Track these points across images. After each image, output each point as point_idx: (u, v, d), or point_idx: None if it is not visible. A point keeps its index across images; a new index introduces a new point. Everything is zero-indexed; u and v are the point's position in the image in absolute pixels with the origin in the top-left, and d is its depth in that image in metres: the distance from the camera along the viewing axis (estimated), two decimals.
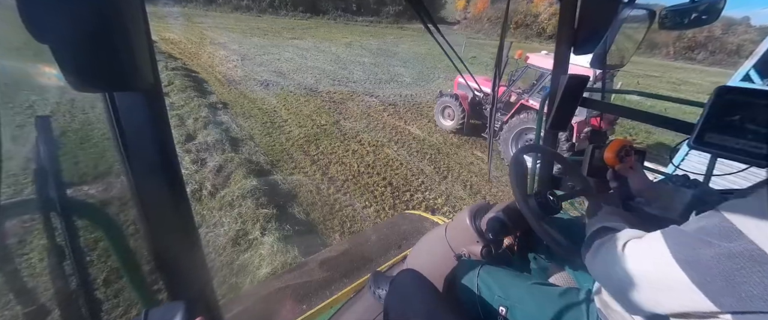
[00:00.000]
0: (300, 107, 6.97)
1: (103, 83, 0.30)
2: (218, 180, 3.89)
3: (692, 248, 0.46)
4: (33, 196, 0.47)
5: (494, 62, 1.01)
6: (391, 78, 10.68)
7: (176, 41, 13.82)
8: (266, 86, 8.32)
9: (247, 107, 6.74)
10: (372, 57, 14.20)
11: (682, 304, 0.47)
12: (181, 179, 0.42)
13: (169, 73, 7.93)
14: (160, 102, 0.37)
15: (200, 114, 5.66)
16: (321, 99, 7.71)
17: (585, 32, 1.04)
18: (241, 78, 8.94)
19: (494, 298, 0.86)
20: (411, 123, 6.66)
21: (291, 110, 6.73)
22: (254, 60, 11.49)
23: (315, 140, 5.40)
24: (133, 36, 0.30)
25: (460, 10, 42.62)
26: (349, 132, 5.91)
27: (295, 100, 7.44)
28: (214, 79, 8.66)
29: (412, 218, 2.07)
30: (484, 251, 0.97)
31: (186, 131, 5.12)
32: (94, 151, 3.75)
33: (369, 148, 5.32)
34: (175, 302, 0.39)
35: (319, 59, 12.79)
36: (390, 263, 1.50)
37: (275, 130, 5.72)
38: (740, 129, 0.62)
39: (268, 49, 13.81)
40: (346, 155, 5.02)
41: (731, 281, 0.42)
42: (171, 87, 7.12)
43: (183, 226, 0.43)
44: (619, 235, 0.61)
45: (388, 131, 6.13)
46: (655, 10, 1.07)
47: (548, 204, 0.83)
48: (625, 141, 0.91)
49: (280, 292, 1.41)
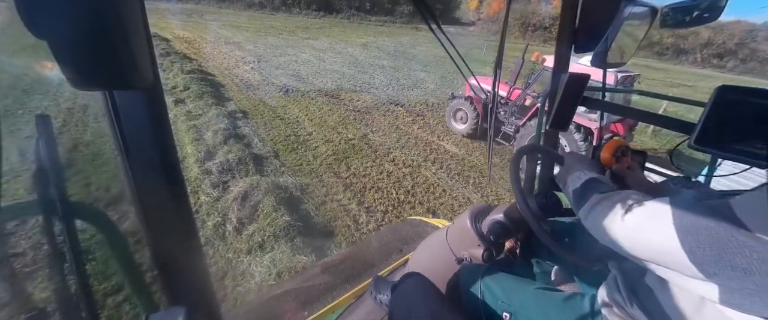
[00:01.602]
0: (324, 117, 6.47)
1: (102, 81, 0.30)
2: (244, 212, 3.39)
3: (695, 217, 0.48)
4: (33, 198, 0.46)
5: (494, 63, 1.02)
6: (414, 84, 10.14)
7: (190, 40, 13.45)
8: (286, 92, 7.84)
9: (267, 116, 6.26)
10: (390, 60, 13.66)
11: (675, 267, 0.50)
12: (182, 179, 0.41)
13: (185, 77, 7.49)
14: (160, 101, 0.36)
15: (219, 126, 5.19)
16: (344, 108, 7.20)
17: (586, 30, 1.03)
18: (259, 82, 8.48)
19: (498, 303, 0.85)
20: (444, 138, 6.11)
21: (315, 121, 6.23)
22: (271, 62, 11.04)
23: (344, 159, 4.89)
24: (132, 33, 0.29)
25: (473, 10, 41.98)
26: (380, 149, 5.39)
27: (317, 109, 6.94)
28: (231, 83, 8.22)
29: (413, 223, 2.00)
30: (486, 254, 0.96)
31: (205, 146, 4.66)
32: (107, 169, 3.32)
33: (405, 169, 4.79)
34: (175, 307, 0.39)
35: (336, 62, 12.29)
36: (391, 267, 1.48)
37: (300, 145, 5.22)
38: (741, 129, 0.61)
39: (284, 50, 13.37)
40: (380, 178, 4.50)
41: (720, 251, 0.44)
42: (187, 93, 6.68)
43: (184, 228, 0.42)
44: (619, 198, 0.60)
45: (422, 148, 5.59)
46: (656, 7, 1.06)
47: (549, 205, 0.85)
48: (621, 141, 0.91)
49: (281, 298, 1.39)
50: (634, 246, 0.55)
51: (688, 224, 0.47)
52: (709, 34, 24.35)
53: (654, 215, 0.52)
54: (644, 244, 0.53)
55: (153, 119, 0.36)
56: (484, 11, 38.87)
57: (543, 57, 5.02)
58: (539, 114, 1.55)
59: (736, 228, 0.44)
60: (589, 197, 0.65)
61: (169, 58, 9.25)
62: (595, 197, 0.64)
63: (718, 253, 0.43)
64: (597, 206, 0.62)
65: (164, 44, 11.37)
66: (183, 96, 6.55)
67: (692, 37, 24.67)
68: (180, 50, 11.19)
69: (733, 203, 0.47)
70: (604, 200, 0.62)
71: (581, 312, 0.75)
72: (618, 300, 0.68)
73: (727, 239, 0.43)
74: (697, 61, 23.91)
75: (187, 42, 13.08)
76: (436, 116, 7.34)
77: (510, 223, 0.95)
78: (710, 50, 23.95)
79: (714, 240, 0.44)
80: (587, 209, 0.64)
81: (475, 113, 5.67)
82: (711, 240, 0.44)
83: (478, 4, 40.56)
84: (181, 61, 9.10)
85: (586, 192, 0.67)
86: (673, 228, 0.48)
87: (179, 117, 5.61)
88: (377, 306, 1.21)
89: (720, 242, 0.43)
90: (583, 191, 0.68)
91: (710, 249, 0.44)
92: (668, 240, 0.48)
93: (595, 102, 1.30)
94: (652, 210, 0.53)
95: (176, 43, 12.53)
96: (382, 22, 30.51)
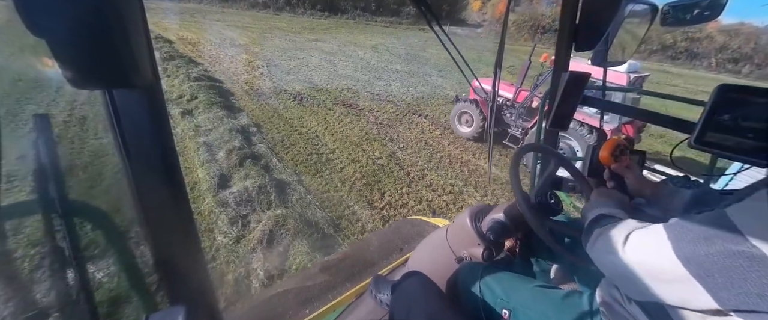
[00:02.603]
0: (345, 132, 5.89)
1: (101, 80, 0.30)
2: (272, 259, 2.81)
3: (693, 244, 0.47)
4: (33, 197, 0.46)
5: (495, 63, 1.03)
6: (433, 91, 9.55)
7: (194, 42, 12.86)
8: (300, 101, 7.25)
9: (284, 130, 5.68)
10: (403, 64, 13.07)
11: (681, 298, 0.48)
12: (182, 179, 0.41)
13: (192, 85, 6.90)
14: (159, 99, 0.36)
15: (233, 144, 4.61)
16: (365, 120, 6.63)
17: (586, 29, 1.02)
18: (271, 90, 7.89)
19: (497, 301, 0.86)
20: (481, 157, 5.53)
21: (336, 136, 5.65)
22: (281, 66, 10.46)
23: (376, 183, 4.31)
24: (131, 32, 0.29)
25: (476, 11, 41.38)
26: (412, 170, 4.81)
27: (336, 121, 6.36)
28: (240, 90, 7.63)
29: (414, 222, 1.97)
30: (485, 253, 0.95)
31: (219, 169, 4.07)
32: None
33: (446, 197, 4.20)
34: (175, 307, 0.39)
35: (349, 66, 11.71)
36: (391, 267, 1.47)
37: (324, 166, 4.64)
38: (741, 128, 0.61)
39: (293, 53, 12.78)
40: (421, 208, 3.92)
41: (730, 278, 0.42)
42: (195, 103, 6.09)
43: (184, 227, 0.41)
44: (621, 226, 0.61)
45: (458, 169, 5.01)
46: (656, 6, 1.06)
47: (549, 205, 0.85)
48: (619, 140, 0.91)
49: (282, 297, 1.37)
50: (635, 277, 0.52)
51: (688, 254, 0.46)
52: (724, 38, 23.84)
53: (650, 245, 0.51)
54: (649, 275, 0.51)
55: (153, 118, 0.35)
56: (488, 12, 38.29)
57: (552, 58, 4.74)
58: (539, 113, 1.51)
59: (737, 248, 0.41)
60: (592, 232, 0.65)
61: (174, 63, 8.67)
62: (597, 231, 0.64)
63: (729, 280, 0.42)
64: (598, 241, 0.62)
65: (168, 46, 10.80)
66: (191, 107, 5.96)
67: (706, 41, 24.17)
68: (184, 53, 10.61)
69: (729, 212, 0.45)
70: (603, 233, 0.61)
71: (580, 310, 0.75)
72: (616, 298, 0.69)
73: (732, 266, 0.41)
74: (712, 66, 23.36)
75: (191, 44, 12.49)
76: None
77: (510, 222, 0.94)
78: (725, 55, 23.40)
79: (720, 267, 0.42)
80: (591, 245, 0.64)
81: (481, 116, 5.53)
82: (717, 268, 0.42)
83: (481, 5, 39.98)
84: (187, 66, 8.52)
85: (592, 227, 0.67)
86: (675, 257, 0.46)
87: (187, 133, 5.02)
88: (377, 305, 1.20)
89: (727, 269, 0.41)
90: (589, 227, 0.68)
91: (719, 276, 0.42)
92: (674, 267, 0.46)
93: (596, 101, 1.27)
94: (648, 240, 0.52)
95: (180, 45, 11.95)
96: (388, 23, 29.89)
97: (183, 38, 13.25)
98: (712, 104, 0.62)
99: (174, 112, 5.65)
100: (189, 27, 16.24)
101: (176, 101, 6.29)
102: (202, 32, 15.37)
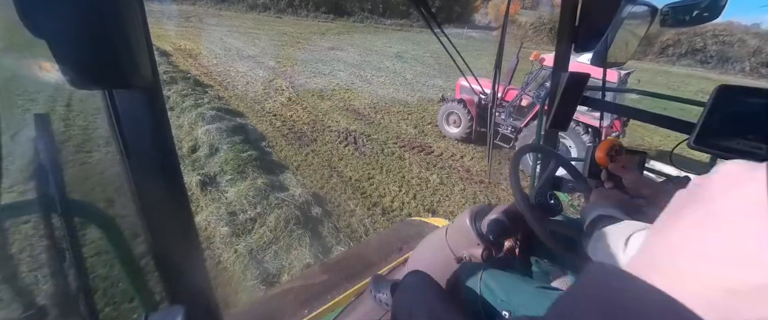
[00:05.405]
0: (447, 204, 4.00)
1: (101, 80, 0.30)
2: None
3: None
4: (33, 197, 0.46)
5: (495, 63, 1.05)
6: None
7: (196, 54, 10.82)
8: (356, 145, 5.34)
9: (359, 206, 3.76)
10: (443, 78, 11.21)
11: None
12: (182, 179, 0.41)
13: (209, 129, 4.88)
14: (159, 100, 0.36)
15: (303, 254, 2.69)
16: (457, 174, 4.75)
17: (586, 29, 1.03)
18: (310, 126, 5.95)
19: (497, 302, 0.86)
20: None
21: (441, 215, 3.76)
22: (307, 86, 8.52)
23: None
24: (131, 32, 0.29)
25: (479, 12, 40.18)
26: None
27: (421, 181, 4.45)
28: (272, 129, 5.68)
29: (413, 223, 1.93)
30: (485, 254, 0.93)
31: None
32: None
33: None
34: (175, 306, 0.39)
35: (384, 83, 9.83)
36: (390, 266, 1.47)
37: None
38: (741, 129, 0.61)
39: (315, 67, 10.82)
40: None
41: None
42: (218, 163, 4.11)
43: (183, 228, 0.42)
44: (622, 227, 0.60)
45: None
46: (656, 7, 1.07)
47: (549, 205, 0.87)
48: (615, 140, 0.91)
49: (282, 297, 1.36)
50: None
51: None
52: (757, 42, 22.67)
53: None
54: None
55: (153, 119, 0.35)
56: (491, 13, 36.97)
57: (542, 56, 4.78)
58: (539, 114, 1.58)
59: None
60: (592, 233, 0.65)
61: (177, 88, 6.64)
62: (597, 233, 0.63)
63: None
64: (598, 242, 0.62)
65: (165, 63, 8.73)
66: (213, 169, 4.00)
67: (738, 44, 23.00)
68: (185, 69, 8.59)
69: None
70: (603, 235, 0.61)
71: None
72: None
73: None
74: (746, 71, 22.14)
75: (191, 56, 10.45)
76: None
77: (509, 222, 0.92)
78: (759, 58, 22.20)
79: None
80: (591, 247, 0.64)
81: (469, 116, 5.36)
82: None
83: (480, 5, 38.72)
84: (195, 94, 6.51)
85: (591, 228, 0.66)
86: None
87: (217, 230, 3.06)
88: (376, 304, 1.21)
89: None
90: (589, 228, 0.67)
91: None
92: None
93: (595, 102, 1.31)
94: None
95: (179, 58, 9.91)
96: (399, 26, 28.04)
97: (181, 49, 11.19)
98: (712, 104, 0.64)
99: (189, 180, 3.69)
100: (186, 34, 14.16)
101: (188, 156, 4.33)
102: (202, 40, 13.31)
